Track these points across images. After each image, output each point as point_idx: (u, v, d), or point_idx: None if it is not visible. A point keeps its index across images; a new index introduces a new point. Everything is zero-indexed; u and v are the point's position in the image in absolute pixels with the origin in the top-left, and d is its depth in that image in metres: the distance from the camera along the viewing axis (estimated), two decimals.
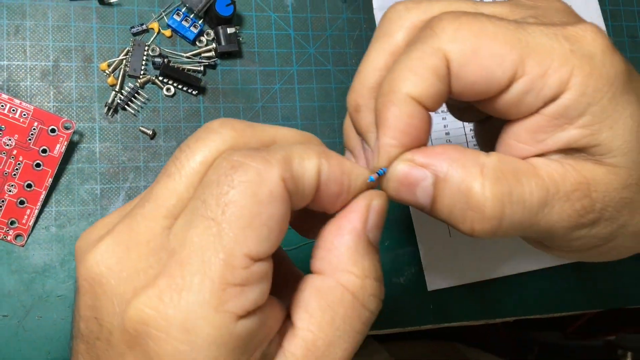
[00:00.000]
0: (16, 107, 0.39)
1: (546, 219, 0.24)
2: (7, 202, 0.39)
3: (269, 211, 0.20)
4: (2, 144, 0.39)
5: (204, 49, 0.46)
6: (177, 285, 0.19)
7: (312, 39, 0.48)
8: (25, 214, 0.40)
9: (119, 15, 0.44)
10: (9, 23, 0.42)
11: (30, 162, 0.40)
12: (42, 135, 0.40)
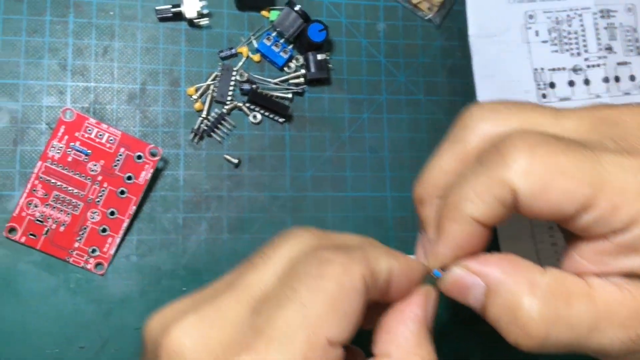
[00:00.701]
0: (103, 132, 0.38)
1: (596, 341, 0.24)
2: (89, 229, 0.38)
3: (351, 302, 0.22)
4: (87, 169, 0.38)
5: (293, 75, 0.44)
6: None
7: (403, 66, 0.46)
8: (107, 242, 0.38)
9: (208, 39, 0.43)
10: (97, 43, 0.41)
11: (115, 189, 0.38)
12: (128, 161, 0.39)
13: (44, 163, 0.37)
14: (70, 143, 0.38)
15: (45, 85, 0.40)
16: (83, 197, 0.38)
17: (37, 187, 0.37)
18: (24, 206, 0.37)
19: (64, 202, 0.38)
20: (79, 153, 0.38)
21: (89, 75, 0.41)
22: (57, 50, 0.41)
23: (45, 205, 0.37)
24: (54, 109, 0.40)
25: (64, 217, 0.38)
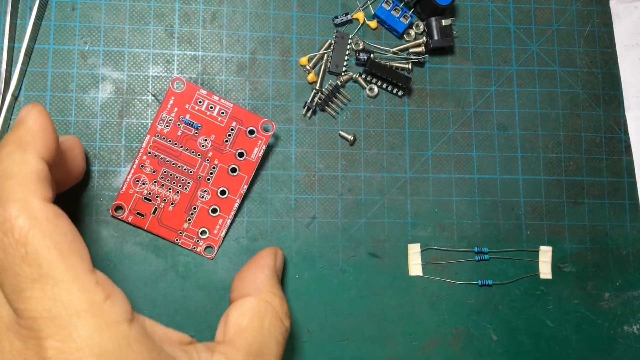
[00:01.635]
0: (215, 104, 0.35)
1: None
2: (199, 209, 0.35)
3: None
4: (197, 144, 0.35)
5: (413, 43, 0.40)
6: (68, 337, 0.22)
7: (535, 34, 0.41)
8: (217, 223, 0.35)
9: (321, 3, 0.39)
10: (205, 9, 0.38)
11: (226, 166, 0.35)
12: (240, 136, 0.35)
13: (152, 137, 0.35)
14: (180, 116, 0.35)
15: (151, 53, 0.37)
16: (193, 175, 0.35)
17: (145, 162, 0.35)
18: (132, 183, 0.34)
19: (173, 179, 0.35)
20: (189, 127, 0.35)
21: (196, 44, 0.38)
22: (163, 15, 0.38)
23: (154, 183, 0.35)
24: (160, 79, 0.37)
25: (173, 196, 0.35)
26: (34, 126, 0.25)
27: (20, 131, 0.25)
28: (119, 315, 0.23)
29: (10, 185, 0.23)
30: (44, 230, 0.22)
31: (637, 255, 0.39)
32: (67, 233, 0.23)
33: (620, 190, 0.40)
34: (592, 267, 0.39)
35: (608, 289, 0.39)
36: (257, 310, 0.29)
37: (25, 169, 0.24)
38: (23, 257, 0.22)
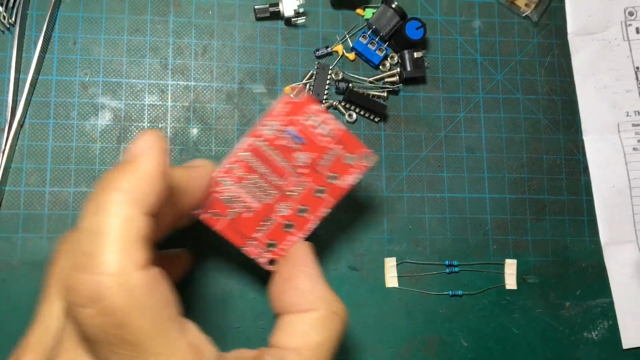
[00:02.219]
0: (326, 124, 0.33)
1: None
2: (275, 222, 0.33)
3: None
4: (294, 158, 0.33)
5: (388, 73, 0.43)
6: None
7: (500, 64, 0.45)
8: (287, 239, 0.33)
9: (304, 37, 0.43)
10: (197, 43, 0.41)
11: (315, 186, 0.33)
12: (338, 160, 0.34)
13: (253, 140, 0.32)
14: (286, 126, 0.32)
15: (147, 83, 0.40)
16: (280, 187, 0.33)
17: (237, 165, 0.32)
18: (218, 182, 0.32)
19: (259, 187, 0.32)
20: (293, 139, 0.33)
21: (189, 75, 0.41)
22: (158, 49, 0.41)
23: (239, 186, 0.32)
24: (155, 107, 0.40)
25: (254, 203, 0.32)
26: (150, 173, 0.22)
27: (132, 177, 0.22)
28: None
29: (106, 249, 0.21)
30: (142, 306, 0.21)
31: (595, 267, 0.43)
32: (163, 300, 0.22)
33: (579, 207, 0.44)
34: (554, 279, 0.42)
35: (569, 298, 0.42)
36: (331, 325, 0.28)
37: (128, 230, 0.21)
38: (120, 337, 0.21)
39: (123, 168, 0.22)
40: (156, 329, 0.21)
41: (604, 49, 0.46)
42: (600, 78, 0.45)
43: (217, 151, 0.40)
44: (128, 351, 0.21)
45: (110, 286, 0.20)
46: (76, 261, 0.21)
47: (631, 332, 0.43)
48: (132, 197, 0.21)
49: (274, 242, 0.33)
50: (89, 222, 0.21)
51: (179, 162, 0.40)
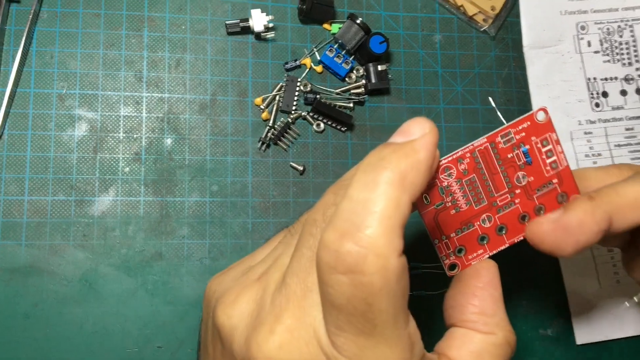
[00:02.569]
0: (553, 153, 0.32)
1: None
2: (473, 229, 0.32)
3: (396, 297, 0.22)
4: (515, 176, 0.32)
5: (354, 85, 0.45)
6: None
7: (459, 76, 0.47)
8: (477, 252, 0.33)
9: (273, 51, 0.45)
10: (170, 56, 0.43)
11: (521, 211, 0.33)
12: (551, 194, 0.33)
13: (488, 143, 0.32)
14: (521, 142, 0.32)
15: (122, 95, 0.42)
16: (492, 198, 0.32)
17: (465, 159, 0.31)
18: (442, 169, 0.31)
19: (474, 189, 0.32)
20: (522, 157, 0.32)
21: (163, 87, 0.43)
22: (132, 62, 0.43)
23: (457, 181, 0.32)
24: (130, 118, 0.42)
25: (462, 203, 0.32)
26: (424, 162, 0.23)
27: (407, 161, 0.23)
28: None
29: (374, 227, 0.21)
30: (391, 291, 0.22)
31: (549, 267, 0.46)
32: (404, 290, 0.23)
33: None
34: (511, 280, 0.45)
35: (525, 297, 0.45)
36: (502, 353, 0.28)
37: (395, 214, 0.22)
38: (363, 313, 0.22)
39: (398, 149, 0.23)
40: (393, 315, 0.22)
41: (558, 61, 0.49)
42: (554, 89, 0.48)
43: (191, 160, 0.42)
44: (363, 327, 0.22)
45: (372, 264, 0.21)
46: (340, 225, 0.22)
47: (584, 328, 0.45)
48: (403, 182, 0.22)
49: (463, 248, 0.32)
50: (359, 193, 0.22)
51: (154, 172, 0.41)
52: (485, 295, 0.29)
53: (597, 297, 0.46)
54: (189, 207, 0.42)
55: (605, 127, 0.48)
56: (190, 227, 0.41)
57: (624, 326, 0.46)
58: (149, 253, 0.41)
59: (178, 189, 0.42)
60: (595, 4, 0.50)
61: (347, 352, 0.22)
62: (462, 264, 0.32)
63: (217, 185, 0.42)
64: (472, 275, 0.30)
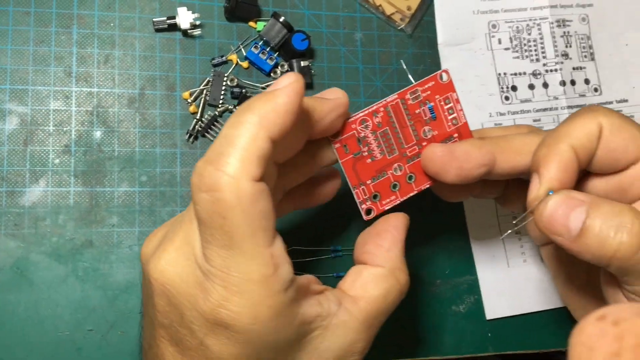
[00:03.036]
0: (454, 111, 0.37)
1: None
2: (386, 177, 0.37)
3: (256, 218, 0.27)
4: (422, 130, 0.37)
5: None
6: (235, 292, 0.27)
7: (379, 72, 0.50)
8: (390, 198, 0.37)
9: (201, 47, 0.47)
10: (99, 52, 0.45)
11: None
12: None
13: (399, 99, 0.36)
14: (427, 100, 0.36)
15: (52, 90, 0.44)
16: (402, 149, 0.36)
17: (379, 113, 0.36)
18: (359, 121, 0.35)
19: (387, 141, 0.36)
20: (428, 112, 0.37)
21: (92, 82, 0.45)
22: (62, 58, 0.44)
23: (373, 133, 0.36)
24: (60, 112, 0.44)
25: (377, 153, 0.36)
26: (281, 107, 0.27)
27: (267, 105, 0.27)
28: (279, 286, 0.27)
29: (230, 156, 0.26)
30: (244, 210, 0.26)
31: (462, 248, 0.49)
32: (262, 211, 0.27)
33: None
34: (426, 259, 0.48)
35: (439, 276, 0.48)
36: (388, 286, 0.33)
37: (252, 147, 0.26)
38: (220, 225, 0.26)
39: (263, 97, 0.28)
40: (248, 231, 0.26)
41: (470, 57, 0.52)
42: (467, 83, 0.52)
43: (120, 152, 0.44)
44: (223, 239, 0.26)
45: (226, 183, 0.26)
46: (208, 155, 0.27)
47: (493, 304, 0.49)
48: (261, 122, 0.27)
49: (378, 194, 0.36)
50: (225, 131, 0.27)
51: (83, 163, 0.43)
52: (387, 235, 0.34)
53: (505, 276, 0.50)
54: (118, 196, 0.44)
55: (514, 119, 0.52)
56: (120, 215, 0.43)
57: (531, 302, 0.50)
58: (79, 241, 0.42)
59: (107, 179, 0.44)
60: (506, 3, 0.54)
61: (214, 263, 0.27)
62: (377, 208, 0.36)
63: (146, 176, 0.44)
64: (382, 220, 0.36)
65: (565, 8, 0.55)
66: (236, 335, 0.27)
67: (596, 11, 0.56)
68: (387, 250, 0.34)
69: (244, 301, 0.27)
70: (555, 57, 0.54)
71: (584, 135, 0.32)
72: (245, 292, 0.27)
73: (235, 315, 0.27)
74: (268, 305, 0.27)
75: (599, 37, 0.56)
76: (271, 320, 0.27)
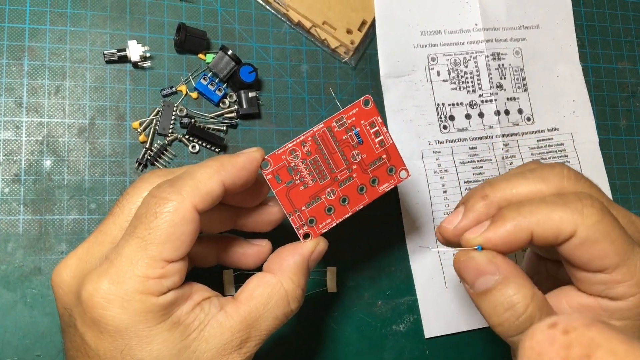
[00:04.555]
0: (381, 134, 0.39)
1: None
2: (320, 202, 0.39)
3: (182, 230, 0.31)
4: (350, 155, 0.39)
5: (227, 110, 0.50)
6: (115, 281, 0.30)
7: (324, 102, 0.53)
8: (326, 221, 0.39)
9: (151, 78, 0.49)
10: (50, 83, 0.46)
11: (358, 183, 0.39)
12: (382, 168, 0.40)
13: (325, 127, 0.38)
14: (353, 126, 0.38)
15: (2, 120, 0.45)
16: (333, 174, 0.38)
17: (307, 142, 0.38)
18: (288, 152, 0.37)
19: (317, 168, 0.38)
20: (354, 137, 0.39)
21: (42, 112, 0.46)
22: (13, 89, 0.45)
23: (303, 162, 0.38)
24: (10, 142, 0.45)
25: (309, 180, 0.38)
26: (239, 164, 0.34)
27: (232, 159, 0.34)
28: (157, 288, 0.31)
29: (187, 183, 0.32)
30: (173, 222, 0.31)
31: (402, 271, 0.52)
32: (184, 234, 0.31)
33: (389, 220, 0.52)
34: (368, 281, 0.51)
35: (380, 297, 0.51)
36: (270, 288, 0.35)
37: (205, 183, 0.32)
38: (149, 222, 0.31)
39: (228, 155, 0.35)
40: (163, 237, 0.31)
41: (411, 89, 0.55)
42: (408, 113, 0.55)
43: (69, 180, 0.45)
44: (141, 232, 0.31)
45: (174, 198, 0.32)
46: (171, 180, 0.33)
47: (432, 323, 0.52)
48: (219, 169, 0.34)
49: (314, 218, 0.38)
50: (192, 169, 0.34)
51: (33, 192, 0.44)
52: (291, 248, 0.37)
53: (443, 297, 0.52)
54: (67, 224, 0.45)
55: (451, 147, 0.55)
56: (69, 243, 0.45)
57: (468, 320, 0.52)
58: (28, 268, 0.43)
59: (57, 207, 0.45)
60: (444, 38, 0.57)
61: (118, 249, 0.32)
62: (314, 232, 0.39)
63: (95, 204, 0.46)
64: (295, 243, 0.38)
65: (500, 42, 0.59)
66: (107, 327, 0.30)
67: (529, 45, 0.59)
68: (282, 259, 0.36)
69: (119, 289, 0.30)
70: (490, 88, 0.57)
71: (552, 232, 0.31)
72: (124, 281, 0.30)
73: (107, 302, 0.30)
74: (139, 300, 0.30)
75: (532, 69, 0.59)
76: (139, 314, 0.30)
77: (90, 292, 0.30)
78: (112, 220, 0.35)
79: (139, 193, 0.35)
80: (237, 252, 0.40)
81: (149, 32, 0.49)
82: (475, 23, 0.58)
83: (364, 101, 0.39)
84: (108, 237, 0.34)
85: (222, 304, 0.34)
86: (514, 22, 0.59)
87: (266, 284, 0.35)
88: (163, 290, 0.31)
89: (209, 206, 0.33)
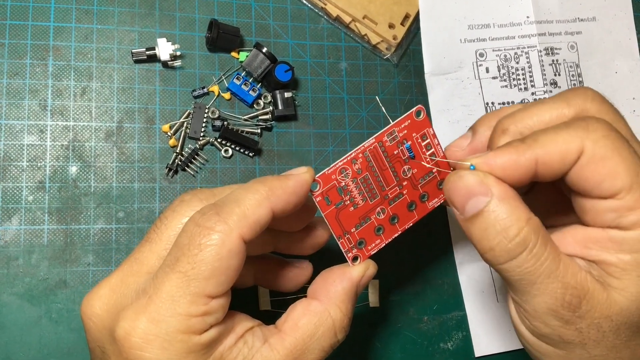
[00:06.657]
0: (432, 146, 0.36)
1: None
2: (370, 222, 0.36)
3: (227, 264, 0.28)
4: (401, 170, 0.36)
5: (261, 111, 0.47)
6: (155, 320, 0.28)
7: (364, 102, 0.49)
8: (375, 242, 0.36)
9: (181, 78, 0.46)
10: (76, 84, 0.44)
11: (409, 200, 0.37)
12: (432, 183, 0.37)
13: (376, 142, 0.35)
14: (404, 139, 0.36)
15: (26, 124, 0.42)
16: (383, 192, 0.36)
17: (358, 160, 0.35)
18: (338, 170, 0.34)
19: (368, 186, 0.35)
20: (406, 152, 0.36)
21: (68, 115, 0.43)
22: (37, 91, 0.43)
23: (353, 180, 0.35)
24: (34, 147, 0.42)
25: (359, 200, 0.35)
26: (289, 189, 0.31)
27: (281, 183, 0.31)
28: (199, 326, 0.28)
29: (234, 211, 0.29)
30: (219, 255, 0.28)
31: (450, 284, 0.48)
32: (229, 268, 0.28)
33: (435, 231, 0.49)
34: (413, 295, 0.47)
35: (427, 312, 0.47)
36: (317, 318, 0.32)
37: (254, 211, 0.29)
38: (192, 255, 0.28)
39: (276, 177, 0.31)
40: (208, 273, 0.28)
41: (457, 87, 0.51)
42: (454, 113, 0.51)
43: (96, 187, 0.43)
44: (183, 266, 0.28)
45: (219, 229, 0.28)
46: (216, 203, 0.30)
47: (482, 341, 0.48)
48: (269, 194, 0.30)
49: (363, 240, 0.35)
50: (239, 191, 0.30)
51: (58, 200, 0.42)
52: (338, 271, 0.34)
53: (494, 312, 0.48)
54: (94, 234, 0.42)
55: None
56: (96, 254, 0.42)
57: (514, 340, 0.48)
58: (53, 281, 0.41)
59: (83, 216, 0.42)
60: (493, 32, 0.53)
61: (156, 281, 0.29)
62: (363, 255, 0.36)
63: (124, 212, 0.43)
64: (343, 266, 0.35)
65: (554, 36, 0.54)
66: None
67: (584, 39, 0.55)
68: (329, 285, 0.33)
69: (159, 329, 0.28)
70: (544, 86, 0.53)
71: (557, 155, 0.28)
72: (164, 320, 0.28)
73: (146, 343, 0.28)
74: (180, 340, 0.28)
75: (588, 65, 0.55)
76: (181, 355, 0.28)
77: (127, 330, 0.28)
78: (149, 247, 0.32)
79: (179, 218, 0.32)
80: (276, 274, 0.37)
81: (179, 29, 0.46)
82: (527, 16, 0.54)
83: (416, 112, 0.35)
84: (144, 266, 0.31)
85: (266, 336, 0.31)
86: (569, 15, 0.55)
87: (312, 312, 0.32)
88: (205, 327, 0.28)
89: (256, 235, 0.30)
